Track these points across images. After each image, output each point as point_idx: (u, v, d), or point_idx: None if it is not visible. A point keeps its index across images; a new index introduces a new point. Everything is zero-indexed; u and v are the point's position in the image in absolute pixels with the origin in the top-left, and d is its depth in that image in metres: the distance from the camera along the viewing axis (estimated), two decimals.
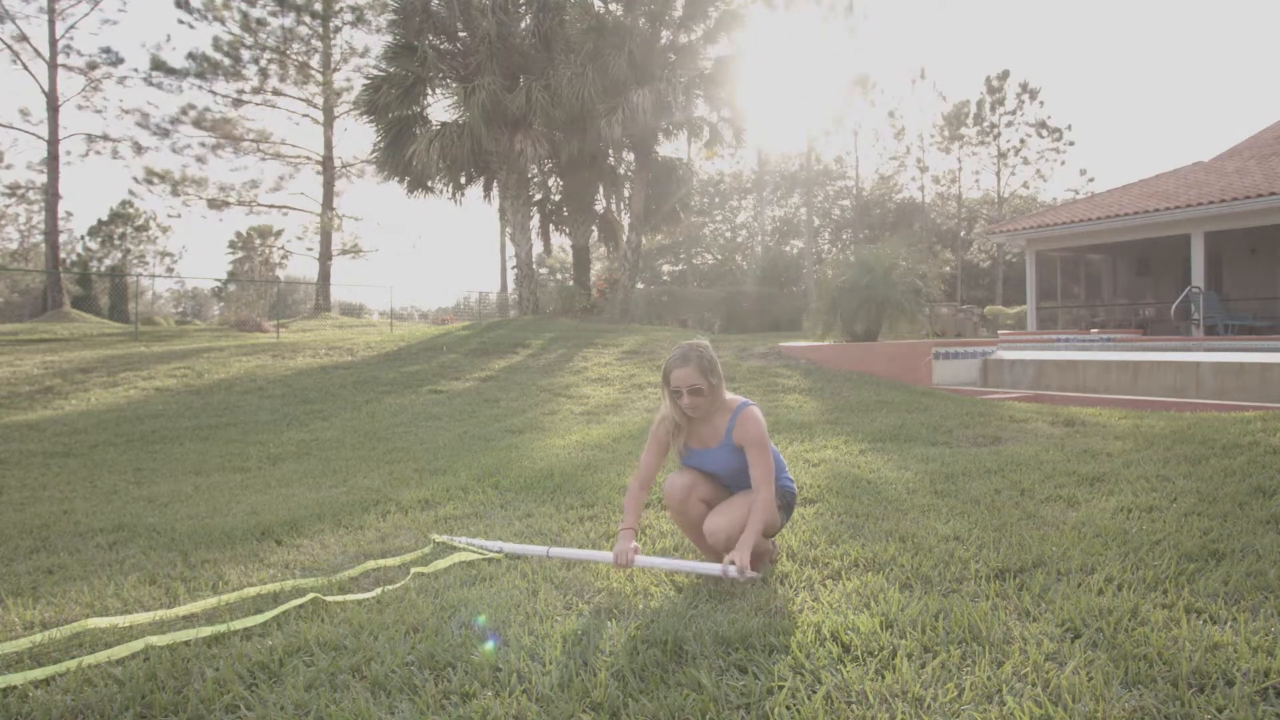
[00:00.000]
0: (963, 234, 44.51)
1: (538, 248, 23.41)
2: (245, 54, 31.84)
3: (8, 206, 45.50)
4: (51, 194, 28.57)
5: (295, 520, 4.20)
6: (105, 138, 31.45)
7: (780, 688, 2.00)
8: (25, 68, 28.69)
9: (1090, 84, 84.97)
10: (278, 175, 36.45)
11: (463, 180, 21.05)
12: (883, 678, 2.03)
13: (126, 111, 32.70)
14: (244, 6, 31.10)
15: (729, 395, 3.01)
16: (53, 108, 28.24)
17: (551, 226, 23.49)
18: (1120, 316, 20.87)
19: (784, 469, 3.10)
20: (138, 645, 2.42)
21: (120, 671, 2.29)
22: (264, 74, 32.44)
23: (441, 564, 3.22)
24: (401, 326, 25.56)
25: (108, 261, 51.25)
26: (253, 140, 33.42)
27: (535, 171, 22.42)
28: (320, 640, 2.45)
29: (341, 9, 32.56)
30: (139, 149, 32.04)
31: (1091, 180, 46.22)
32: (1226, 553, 2.88)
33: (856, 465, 4.98)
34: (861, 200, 45.70)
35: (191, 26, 32.19)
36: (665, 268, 48.37)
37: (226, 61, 31.59)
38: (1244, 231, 17.08)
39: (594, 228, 23.19)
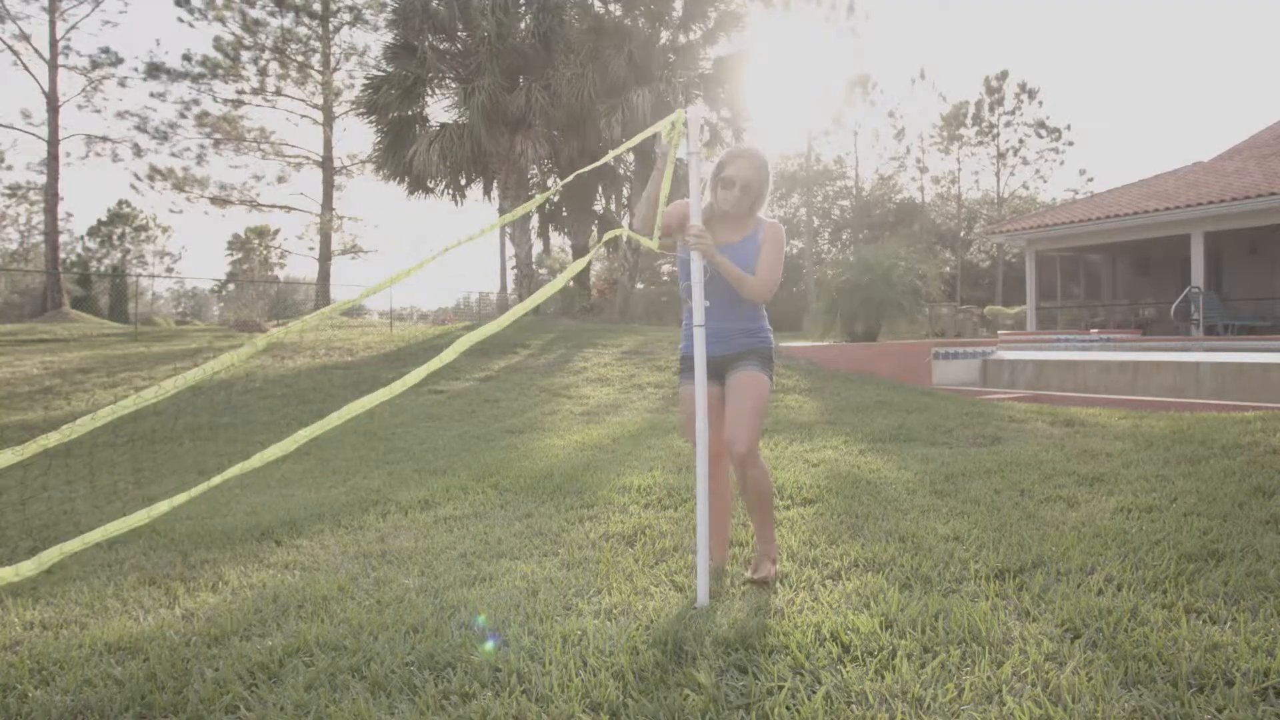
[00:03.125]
0: (963, 234, 44.49)
1: (538, 248, 23.42)
2: (245, 54, 31.85)
3: (8, 207, 45.50)
4: (51, 194, 28.55)
5: (295, 520, 4.20)
6: (105, 139, 31.46)
7: (780, 688, 2.00)
8: (25, 68, 28.74)
9: (1090, 84, 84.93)
10: (277, 173, 36.50)
11: (462, 181, 21.04)
12: (882, 678, 2.03)
13: (127, 115, 32.71)
14: (243, 7, 31.11)
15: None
16: (53, 108, 28.22)
17: (551, 226, 23.49)
18: (1120, 316, 20.86)
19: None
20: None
21: (120, 671, 2.29)
22: (263, 74, 32.45)
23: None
24: (401, 327, 25.54)
25: (107, 262, 51.25)
26: (253, 140, 33.43)
27: (535, 172, 22.42)
28: (320, 640, 2.45)
29: (340, 9, 32.54)
30: (139, 151, 32.06)
31: (1091, 180, 46.20)
32: (1226, 553, 2.88)
33: (856, 465, 4.98)
34: (861, 200, 45.71)
35: (191, 25, 32.28)
36: (665, 268, 48.34)
37: (226, 61, 31.60)
38: (1244, 231, 17.07)
39: (594, 228, 23.18)
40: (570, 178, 3.48)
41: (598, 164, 3.40)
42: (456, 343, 2.45)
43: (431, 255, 2.71)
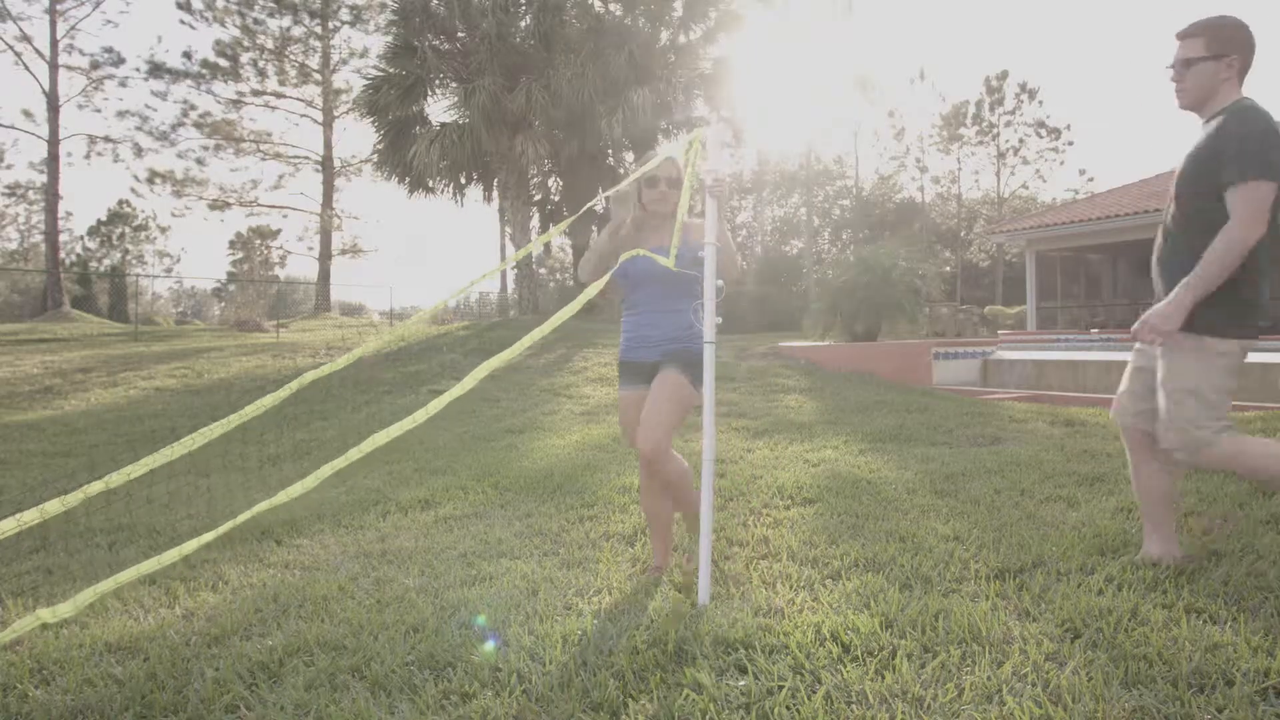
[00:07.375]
0: (963, 234, 44.48)
1: (538, 248, 23.40)
2: (244, 56, 31.86)
3: (8, 206, 45.46)
4: (51, 194, 28.56)
5: (295, 520, 4.20)
6: (107, 139, 31.47)
7: (780, 688, 2.00)
8: (26, 68, 28.76)
9: (1090, 84, 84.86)
10: (278, 175, 36.54)
11: (463, 181, 21.05)
12: (882, 678, 2.03)
13: (128, 114, 32.68)
14: (242, 9, 31.10)
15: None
16: (53, 108, 28.22)
17: (552, 226, 23.49)
18: (1120, 316, 20.84)
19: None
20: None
21: (120, 671, 2.29)
22: (263, 75, 32.47)
23: None
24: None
25: (107, 262, 51.21)
26: (253, 141, 33.44)
27: (535, 172, 22.42)
28: (320, 640, 2.45)
29: (340, 9, 32.55)
30: (139, 151, 32.08)
31: (1091, 180, 46.11)
32: (1226, 553, 2.87)
33: (856, 465, 4.97)
34: (861, 200, 45.68)
35: (193, 27, 32.31)
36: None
37: (226, 63, 31.61)
38: None
39: (594, 228, 23.17)
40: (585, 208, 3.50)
41: (614, 190, 3.36)
42: (524, 340, 2.53)
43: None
